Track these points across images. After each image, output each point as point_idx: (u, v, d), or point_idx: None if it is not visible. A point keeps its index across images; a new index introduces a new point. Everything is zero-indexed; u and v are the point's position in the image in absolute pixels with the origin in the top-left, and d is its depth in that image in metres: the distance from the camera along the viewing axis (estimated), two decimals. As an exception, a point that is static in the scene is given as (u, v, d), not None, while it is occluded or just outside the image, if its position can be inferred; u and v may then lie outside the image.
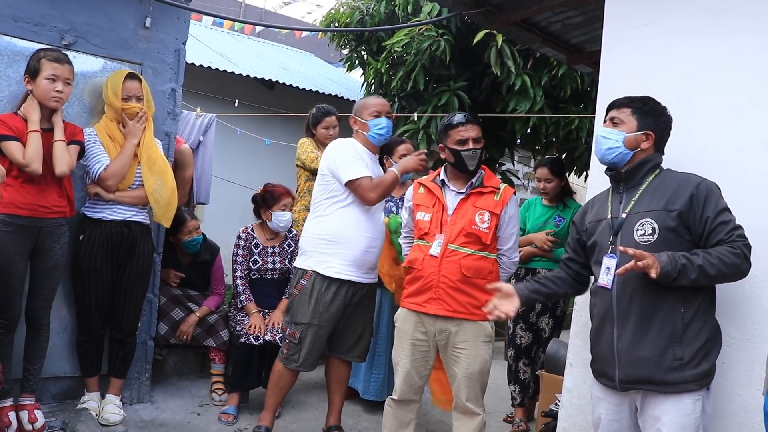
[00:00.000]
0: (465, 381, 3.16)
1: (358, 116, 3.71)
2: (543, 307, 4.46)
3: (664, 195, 2.42)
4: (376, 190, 3.52)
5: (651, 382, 2.38)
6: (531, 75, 6.77)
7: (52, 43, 3.67)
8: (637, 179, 2.54)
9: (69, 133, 3.44)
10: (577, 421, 3.03)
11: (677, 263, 2.22)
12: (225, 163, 6.68)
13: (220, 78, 7.89)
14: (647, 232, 2.39)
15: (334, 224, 3.58)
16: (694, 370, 2.33)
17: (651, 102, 2.55)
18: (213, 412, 4.21)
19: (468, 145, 3.20)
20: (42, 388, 3.73)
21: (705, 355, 2.35)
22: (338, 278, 3.56)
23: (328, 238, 3.58)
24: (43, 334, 3.52)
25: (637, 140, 2.52)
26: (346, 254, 3.56)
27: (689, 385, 2.33)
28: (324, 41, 10.21)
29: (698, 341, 2.34)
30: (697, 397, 2.34)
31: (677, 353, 2.34)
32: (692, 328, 2.35)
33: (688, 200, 2.36)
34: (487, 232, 3.15)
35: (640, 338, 2.40)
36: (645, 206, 2.46)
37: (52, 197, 3.37)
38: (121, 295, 3.82)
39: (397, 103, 7.52)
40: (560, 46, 4.67)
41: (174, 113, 4.21)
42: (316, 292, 3.56)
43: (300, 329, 3.61)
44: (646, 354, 2.38)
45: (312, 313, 3.56)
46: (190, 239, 4.44)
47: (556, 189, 4.54)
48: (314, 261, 3.61)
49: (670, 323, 2.36)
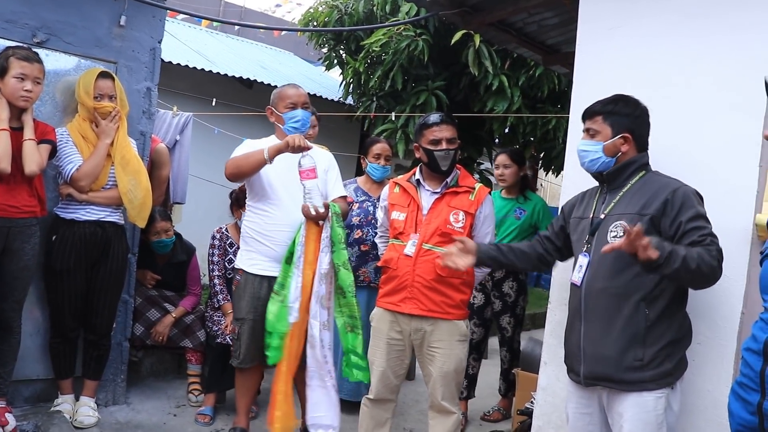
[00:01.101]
0: (440, 380, 3.17)
1: (274, 108, 3.62)
2: (503, 306, 4.51)
3: (642, 198, 2.45)
4: (230, 162, 3.43)
5: (611, 380, 2.43)
6: (508, 75, 6.82)
7: (24, 40, 3.62)
8: (619, 181, 2.56)
9: (40, 132, 3.40)
10: (552, 419, 3.05)
11: (665, 249, 2.21)
12: (203, 163, 6.62)
13: (198, 76, 7.84)
14: (619, 234, 2.40)
15: (255, 221, 3.58)
16: (654, 370, 2.36)
17: (621, 101, 2.56)
18: (189, 413, 4.18)
19: (441, 145, 3.20)
20: (14, 391, 3.68)
21: (668, 356, 2.37)
22: (265, 275, 3.53)
23: (251, 234, 3.59)
24: (15, 336, 3.46)
25: (615, 146, 2.53)
26: (268, 251, 3.53)
27: (648, 384, 2.36)
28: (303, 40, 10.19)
29: (661, 342, 2.37)
30: (659, 394, 2.36)
31: (638, 354, 2.37)
32: (656, 329, 2.37)
33: (662, 205, 2.38)
34: (462, 231, 3.15)
35: (603, 336, 2.44)
36: (622, 208, 2.48)
37: (21, 197, 3.33)
38: (95, 296, 3.78)
39: (375, 102, 7.54)
40: (536, 46, 4.70)
41: (149, 112, 4.18)
42: (248, 287, 3.57)
43: (239, 325, 3.62)
44: (608, 352, 2.42)
45: (247, 307, 3.56)
46: (158, 240, 4.39)
47: (514, 176, 4.51)
48: (243, 258, 3.64)
49: (633, 324, 2.38)
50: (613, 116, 2.53)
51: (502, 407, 4.71)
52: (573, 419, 2.64)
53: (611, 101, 2.57)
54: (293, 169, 3.36)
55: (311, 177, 3.31)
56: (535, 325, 8.37)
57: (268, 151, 3.31)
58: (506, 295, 4.48)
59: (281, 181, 3.51)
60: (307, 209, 3.31)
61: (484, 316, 4.53)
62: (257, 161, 3.34)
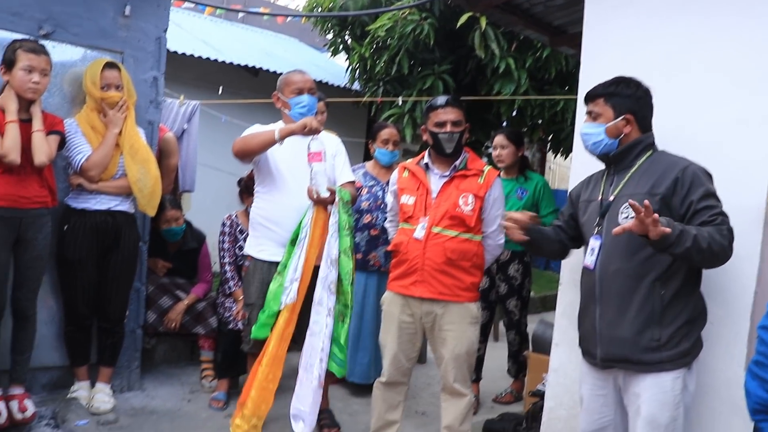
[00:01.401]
0: (452, 362, 3.19)
1: (280, 94, 3.62)
2: (509, 289, 4.50)
3: (651, 178, 2.44)
4: (237, 140, 3.43)
5: (629, 361, 2.43)
6: (515, 57, 6.78)
7: (30, 33, 3.63)
8: (626, 162, 2.54)
9: (48, 123, 3.42)
10: (564, 400, 3.06)
11: (675, 228, 2.19)
12: (210, 151, 6.64)
13: (204, 65, 7.84)
14: (630, 215, 2.39)
15: (262, 207, 3.59)
16: (671, 350, 2.36)
17: (622, 82, 2.54)
18: (203, 399, 4.23)
19: (446, 127, 3.20)
20: (31, 379, 3.73)
21: (684, 336, 2.38)
22: (273, 261, 3.53)
23: (258, 221, 3.60)
24: (30, 324, 3.52)
25: (617, 128, 2.52)
26: (276, 236, 3.53)
27: (666, 364, 2.36)
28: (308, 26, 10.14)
29: (677, 322, 2.37)
30: (676, 375, 2.37)
31: (655, 334, 2.37)
32: (672, 309, 2.37)
33: (672, 184, 2.37)
34: (471, 214, 3.16)
35: (619, 318, 2.44)
36: (632, 189, 2.47)
37: (32, 188, 3.36)
38: (108, 284, 3.82)
39: (381, 87, 7.52)
40: (543, 28, 4.66)
41: (156, 102, 4.19)
42: (257, 273, 3.58)
43: (249, 310, 3.64)
44: (625, 334, 2.42)
45: (256, 293, 3.57)
46: (168, 228, 4.43)
47: (512, 156, 4.47)
48: (251, 244, 3.65)
49: (648, 304, 2.38)
50: (615, 98, 2.52)
51: (514, 389, 4.73)
52: (587, 401, 2.65)
53: (612, 83, 2.55)
54: (301, 155, 3.37)
55: (318, 160, 3.32)
56: (546, 308, 8.38)
57: (279, 131, 3.30)
58: (512, 278, 4.48)
59: (288, 167, 3.51)
60: (311, 192, 3.33)
61: (489, 299, 4.53)
62: (266, 140, 3.34)
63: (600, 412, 2.60)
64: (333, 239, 3.37)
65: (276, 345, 3.33)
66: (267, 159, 3.50)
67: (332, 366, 3.37)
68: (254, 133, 3.42)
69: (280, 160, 3.51)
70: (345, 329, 3.40)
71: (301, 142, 3.37)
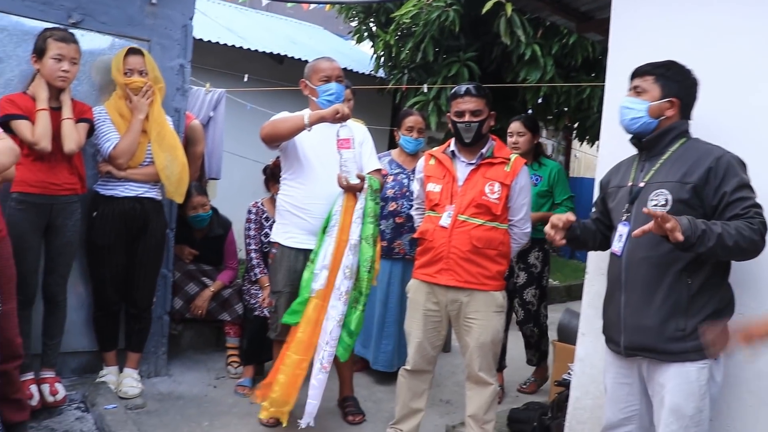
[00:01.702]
0: (477, 351, 3.18)
1: (308, 81, 3.63)
2: (528, 278, 4.44)
3: (683, 166, 2.39)
4: (266, 124, 3.45)
5: (653, 351, 2.40)
6: (541, 44, 6.70)
7: (59, 21, 3.67)
8: (659, 148, 2.50)
9: (78, 111, 3.46)
10: (589, 389, 3.04)
11: (697, 228, 2.17)
12: (236, 139, 6.66)
13: (229, 53, 7.86)
14: (660, 203, 2.37)
15: (290, 195, 3.60)
16: (696, 340, 2.32)
17: (674, 67, 2.49)
18: (229, 385, 4.27)
19: (464, 117, 3.18)
20: (62, 363, 3.79)
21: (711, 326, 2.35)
22: (301, 248, 3.56)
23: (287, 208, 3.61)
24: (61, 309, 3.59)
25: (660, 108, 2.46)
26: (304, 223, 3.55)
27: (691, 354, 2.33)
28: (332, 14, 10.12)
29: (704, 312, 2.33)
30: (702, 365, 2.33)
31: (680, 324, 2.34)
32: (699, 299, 2.34)
33: (705, 173, 2.32)
34: (497, 202, 3.14)
35: (644, 307, 2.41)
36: (663, 176, 2.43)
37: (62, 175, 3.42)
38: (136, 270, 3.86)
39: (406, 74, 7.49)
40: (570, 14, 4.59)
41: (183, 89, 4.21)
42: (285, 261, 3.60)
43: (276, 297, 3.66)
44: (650, 323, 2.39)
45: (283, 280, 3.60)
46: (195, 215, 4.47)
47: (528, 143, 4.41)
48: (279, 232, 3.66)
49: (675, 294, 2.35)
50: (665, 79, 2.46)
51: (537, 378, 4.71)
52: (612, 389, 2.63)
53: (664, 64, 2.49)
54: (328, 141, 3.39)
55: (347, 147, 3.35)
56: (571, 297, 8.33)
57: (309, 117, 3.33)
58: (532, 266, 4.42)
59: (316, 154, 3.53)
60: (341, 179, 3.36)
61: (508, 288, 4.48)
62: (296, 125, 3.36)
63: (626, 401, 2.58)
64: (355, 225, 3.39)
65: (305, 332, 3.36)
66: (294, 145, 3.51)
67: (338, 350, 3.39)
68: (284, 118, 3.45)
69: (308, 146, 3.52)
70: (357, 315, 3.43)
71: (329, 129, 3.39)
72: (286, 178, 3.64)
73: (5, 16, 3.55)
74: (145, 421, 3.60)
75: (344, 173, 3.36)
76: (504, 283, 3.28)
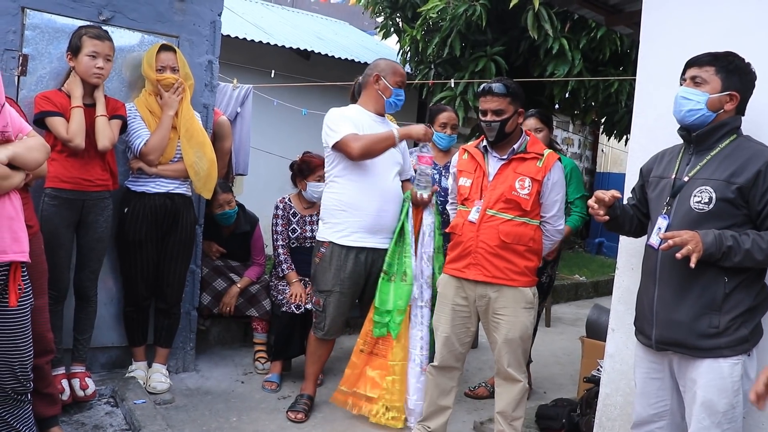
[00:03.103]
0: (505, 347, 3.16)
1: (385, 78, 3.68)
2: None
3: (732, 165, 2.32)
4: (360, 141, 3.49)
5: (684, 346, 2.38)
6: (569, 38, 6.63)
7: (90, 18, 3.70)
8: (709, 143, 2.42)
9: (111, 108, 3.50)
10: (620, 386, 3.01)
11: (722, 245, 2.16)
12: (262, 134, 6.69)
13: (256, 49, 7.89)
14: (704, 200, 2.32)
15: (342, 192, 3.62)
16: (729, 336, 2.29)
17: (736, 59, 2.39)
18: (257, 381, 4.29)
19: (486, 116, 3.17)
20: (91, 358, 3.84)
21: (744, 322, 2.31)
22: (354, 246, 3.59)
23: (338, 206, 3.63)
24: (91, 305, 3.63)
25: (720, 101, 2.37)
26: (357, 221, 3.58)
27: (723, 350, 2.30)
28: (358, 9, 10.10)
29: (738, 309, 2.30)
30: (735, 361, 2.30)
31: (713, 321, 2.31)
32: (734, 297, 2.30)
33: (754, 176, 2.26)
34: (527, 198, 3.11)
35: (678, 301, 2.39)
36: (709, 173, 2.36)
37: (95, 171, 3.45)
38: (166, 266, 3.90)
39: (433, 69, 7.46)
40: (599, 7, 4.53)
41: (211, 85, 4.23)
42: (335, 260, 3.62)
43: (323, 297, 3.67)
44: (682, 318, 2.37)
45: (333, 280, 3.62)
46: (222, 212, 4.47)
47: (546, 139, 4.29)
48: (329, 230, 3.66)
49: (710, 291, 2.32)
50: (727, 71, 2.37)
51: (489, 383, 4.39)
52: (642, 384, 2.60)
53: (726, 56, 2.39)
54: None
55: (428, 164, 3.65)
56: (598, 293, 8.29)
57: (399, 134, 3.57)
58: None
59: None
60: (416, 195, 3.62)
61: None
62: (390, 143, 3.57)
63: (657, 396, 2.55)
64: (429, 238, 3.70)
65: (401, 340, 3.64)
66: None
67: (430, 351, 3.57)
68: (374, 137, 3.54)
69: None
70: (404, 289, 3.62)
71: (379, 125, 3.62)
72: (335, 176, 3.66)
73: (37, 14, 3.59)
74: (173, 416, 3.63)
75: (420, 189, 3.62)
76: (535, 279, 3.24)
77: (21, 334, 2.55)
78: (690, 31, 2.81)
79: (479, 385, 4.44)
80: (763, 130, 2.49)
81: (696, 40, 2.72)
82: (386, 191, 3.61)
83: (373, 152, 3.53)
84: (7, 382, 2.55)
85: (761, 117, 2.54)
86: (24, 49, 3.55)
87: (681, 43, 2.71)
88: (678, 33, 2.85)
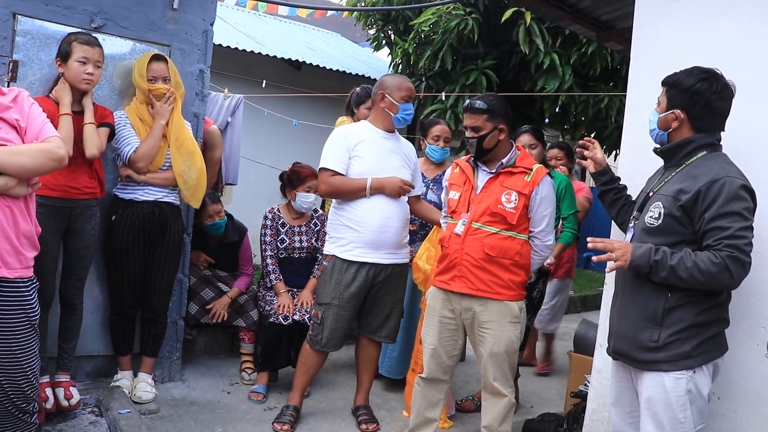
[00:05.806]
0: (491, 361, 3.16)
1: (390, 95, 3.69)
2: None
3: (683, 182, 2.35)
4: (330, 185, 3.62)
5: (628, 357, 2.47)
6: (560, 53, 6.70)
7: (81, 26, 3.69)
8: (675, 160, 2.46)
9: (99, 115, 3.48)
10: (607, 401, 3.00)
11: (650, 259, 2.26)
12: (253, 144, 6.69)
13: (247, 59, 7.90)
14: (654, 215, 2.39)
15: (347, 210, 3.65)
16: (669, 351, 2.33)
17: (680, 78, 2.41)
18: (243, 391, 4.26)
19: (467, 132, 3.22)
20: (76, 366, 3.81)
21: (688, 338, 2.31)
22: (356, 260, 3.61)
23: (342, 222, 3.66)
24: (77, 313, 3.60)
25: (666, 120, 2.45)
26: (360, 237, 3.61)
27: (662, 365, 2.34)
28: (350, 21, 10.17)
29: (680, 325, 2.32)
30: (677, 376, 2.32)
31: (653, 335, 2.36)
32: (676, 313, 2.33)
33: (694, 195, 2.28)
34: (513, 212, 3.10)
35: (625, 313, 2.49)
36: (667, 189, 2.41)
37: (83, 179, 3.43)
38: (152, 274, 3.87)
39: (424, 82, 7.50)
40: (590, 23, 4.58)
41: (202, 94, 4.23)
42: (336, 274, 3.63)
43: (322, 309, 3.67)
44: (627, 330, 2.47)
45: (332, 293, 3.63)
46: (212, 223, 4.47)
47: (540, 156, 4.28)
48: (333, 244, 3.70)
49: (651, 304, 2.38)
50: (672, 89, 2.43)
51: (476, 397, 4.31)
52: (615, 394, 2.65)
53: (672, 76, 2.44)
54: (384, 157, 3.64)
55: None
56: (586, 308, 8.30)
57: (370, 187, 3.59)
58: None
59: (373, 169, 3.61)
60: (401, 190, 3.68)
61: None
62: (358, 193, 3.61)
63: (631, 406, 2.58)
64: None
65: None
66: (353, 167, 3.63)
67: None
68: (344, 184, 3.61)
69: (366, 162, 3.63)
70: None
71: (385, 144, 3.67)
72: None
73: (29, 20, 3.58)
74: (158, 426, 3.60)
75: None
76: (523, 294, 3.24)
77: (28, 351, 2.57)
78: (680, 49, 2.83)
79: (466, 398, 4.42)
80: (753, 147, 2.53)
81: (685, 57, 2.74)
82: (390, 208, 3.63)
83: (338, 196, 3.69)
84: (14, 401, 2.53)
85: (751, 133, 2.58)
86: (14, 55, 3.54)
87: (670, 60, 2.72)
88: (668, 51, 2.88)
